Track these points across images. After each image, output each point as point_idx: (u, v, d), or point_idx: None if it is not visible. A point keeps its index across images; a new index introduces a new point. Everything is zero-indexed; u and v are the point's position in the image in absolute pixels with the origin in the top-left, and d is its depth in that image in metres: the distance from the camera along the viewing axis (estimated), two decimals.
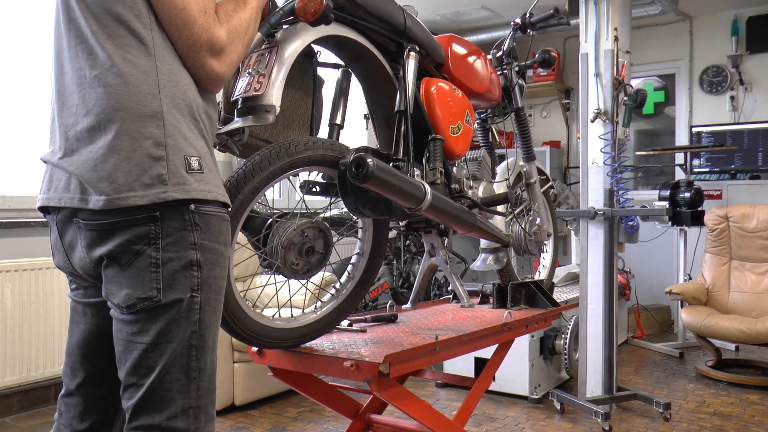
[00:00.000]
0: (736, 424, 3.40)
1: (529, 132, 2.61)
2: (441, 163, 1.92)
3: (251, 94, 1.49)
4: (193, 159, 1.23)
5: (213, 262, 1.25)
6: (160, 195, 1.18)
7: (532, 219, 2.51)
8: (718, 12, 5.95)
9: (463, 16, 5.96)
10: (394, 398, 1.72)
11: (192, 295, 1.22)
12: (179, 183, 1.20)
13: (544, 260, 2.76)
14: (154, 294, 1.19)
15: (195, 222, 1.22)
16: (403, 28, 1.87)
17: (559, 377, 4.04)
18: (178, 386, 1.22)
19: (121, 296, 1.20)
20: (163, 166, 1.19)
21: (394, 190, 1.63)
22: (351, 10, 1.70)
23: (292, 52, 1.53)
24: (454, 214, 1.93)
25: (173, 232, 1.20)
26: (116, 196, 1.17)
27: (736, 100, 5.89)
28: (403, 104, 1.81)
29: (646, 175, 6.67)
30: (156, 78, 1.22)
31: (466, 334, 1.90)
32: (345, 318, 1.89)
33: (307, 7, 1.47)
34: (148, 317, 1.20)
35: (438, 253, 2.03)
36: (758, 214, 4.72)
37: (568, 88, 6.71)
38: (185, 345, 1.22)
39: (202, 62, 1.26)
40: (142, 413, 1.21)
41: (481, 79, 2.23)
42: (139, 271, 1.19)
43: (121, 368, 1.24)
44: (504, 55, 2.49)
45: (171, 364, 1.21)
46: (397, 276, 5.31)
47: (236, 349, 3.54)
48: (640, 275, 5.56)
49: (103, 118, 1.19)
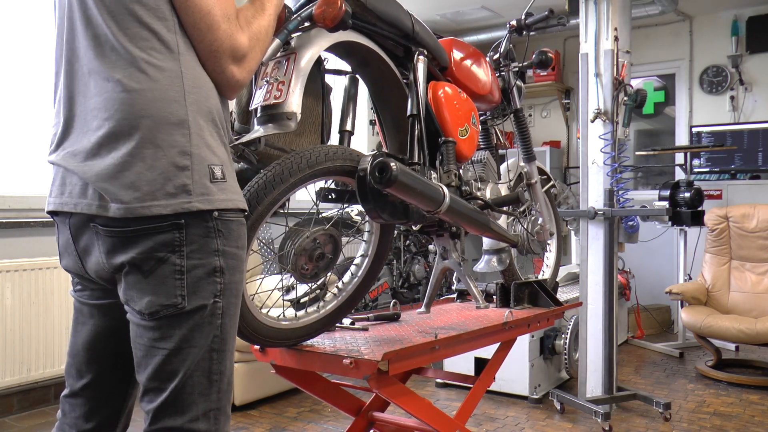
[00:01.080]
0: (736, 424, 3.40)
1: (529, 133, 2.62)
2: (455, 165, 1.93)
3: (272, 102, 1.48)
4: (216, 168, 1.22)
5: (234, 267, 1.26)
6: (184, 205, 1.17)
7: (535, 219, 2.52)
8: (718, 12, 5.95)
9: (463, 16, 5.96)
10: (393, 396, 1.72)
11: (215, 300, 1.23)
12: (203, 193, 1.19)
13: (548, 259, 2.76)
14: (178, 301, 1.19)
15: (218, 229, 1.22)
16: (411, 33, 1.88)
17: (559, 377, 4.04)
18: (200, 390, 1.22)
19: (143, 303, 1.19)
20: (188, 176, 1.18)
21: (416, 193, 1.64)
22: (362, 15, 1.70)
23: (309, 58, 1.53)
24: (470, 216, 1.94)
25: (197, 240, 1.20)
26: (139, 205, 1.15)
27: (736, 100, 5.89)
28: (415, 108, 1.82)
29: (646, 175, 6.67)
30: (181, 83, 1.20)
31: (466, 333, 1.90)
32: (345, 316, 1.90)
33: (326, 14, 1.46)
34: (170, 323, 1.20)
35: (451, 256, 2.04)
36: (758, 214, 4.72)
37: (568, 88, 6.71)
38: (207, 349, 1.23)
39: (224, 68, 1.26)
40: (164, 416, 1.22)
41: (483, 81, 2.25)
42: (163, 278, 1.18)
43: (141, 372, 1.23)
44: (501, 57, 2.50)
45: (193, 369, 1.21)
46: (397, 276, 5.31)
47: (236, 349, 3.53)
48: (640, 275, 5.56)
49: (127, 124, 1.17)
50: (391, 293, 5.21)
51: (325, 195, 1.70)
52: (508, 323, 2.07)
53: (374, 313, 2.19)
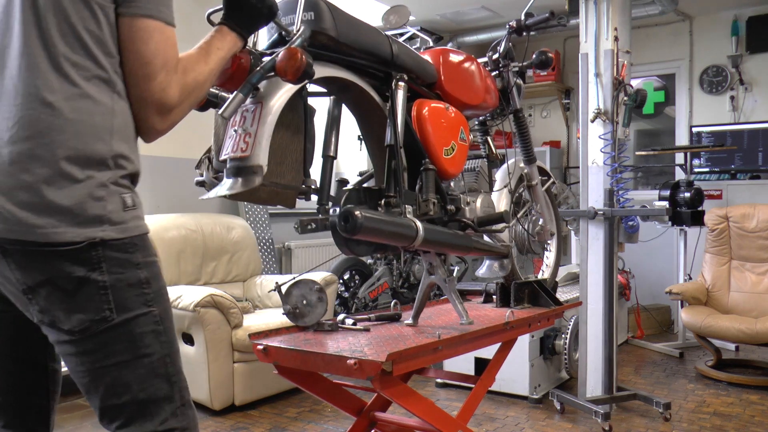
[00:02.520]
0: (736, 424, 3.40)
1: (529, 134, 2.58)
2: (434, 193, 1.90)
3: (238, 155, 1.47)
4: (128, 197, 1.25)
5: (157, 273, 1.30)
6: (98, 233, 1.19)
7: (535, 219, 2.51)
8: (718, 12, 5.96)
9: (463, 16, 5.96)
10: (397, 396, 1.72)
11: (149, 309, 1.26)
12: (118, 222, 1.22)
13: (548, 259, 2.76)
14: (107, 314, 1.21)
15: (134, 243, 1.25)
16: (390, 58, 1.83)
17: (559, 377, 4.04)
18: (163, 394, 1.28)
19: (73, 321, 1.21)
20: (103, 206, 1.20)
21: (385, 234, 1.65)
22: (335, 47, 1.66)
23: (276, 108, 1.49)
24: (449, 242, 1.92)
25: (116, 256, 1.22)
26: (52, 231, 1.16)
27: (736, 100, 5.89)
28: (392, 137, 1.78)
29: (646, 175, 6.68)
30: (112, 122, 1.22)
31: (469, 333, 1.90)
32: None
33: (288, 67, 1.40)
34: (108, 339, 1.22)
35: (437, 272, 2.03)
36: (758, 214, 4.72)
37: (568, 88, 6.71)
38: (161, 356, 1.28)
39: (147, 116, 1.27)
40: (135, 427, 1.26)
41: (476, 90, 2.20)
42: (89, 295, 1.20)
43: (93, 396, 1.26)
44: (501, 57, 2.45)
45: (153, 377, 1.26)
46: (397, 276, 5.31)
47: (236, 350, 3.54)
48: (640, 275, 5.56)
49: (48, 151, 1.16)
50: (391, 293, 5.21)
51: (305, 226, 1.69)
52: (509, 323, 2.07)
53: (375, 313, 2.19)
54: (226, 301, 3.50)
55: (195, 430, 1.34)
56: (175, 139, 4.45)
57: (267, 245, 4.98)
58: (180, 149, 4.24)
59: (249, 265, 4.50)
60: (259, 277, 4.51)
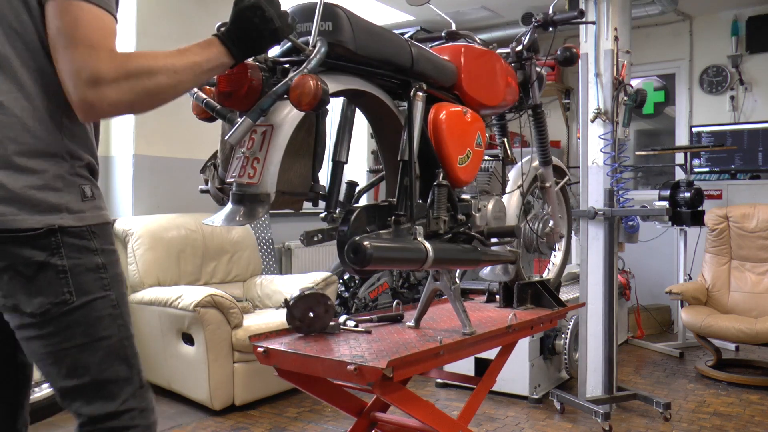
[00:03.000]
0: (736, 424, 3.40)
1: (547, 132, 2.48)
2: (445, 211, 1.85)
3: (245, 180, 1.41)
4: (87, 187, 1.31)
5: (114, 261, 1.35)
6: (57, 221, 1.25)
7: (545, 221, 2.49)
8: (718, 12, 5.95)
9: (463, 16, 5.95)
10: (398, 401, 1.72)
11: (106, 293, 1.32)
12: (76, 211, 1.28)
13: (555, 258, 2.74)
14: (67, 297, 1.26)
15: (92, 231, 1.30)
16: (409, 66, 1.75)
17: (559, 377, 4.05)
18: (123, 376, 1.34)
19: (34, 304, 1.25)
20: (61, 196, 1.26)
21: (395, 261, 1.64)
22: (353, 59, 1.59)
23: (286, 132, 1.43)
24: (458, 258, 1.89)
25: (74, 242, 1.27)
26: (12, 218, 1.21)
27: (736, 100, 5.89)
28: (407, 154, 1.70)
29: (646, 175, 6.67)
30: (61, 118, 1.26)
31: (471, 338, 1.90)
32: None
33: (301, 99, 1.33)
34: (68, 323, 1.27)
35: (442, 278, 2.00)
36: (758, 214, 4.72)
37: (568, 88, 6.71)
38: (119, 338, 1.33)
39: (75, 85, 1.19)
40: (97, 406, 1.31)
41: (496, 90, 2.14)
42: (49, 279, 1.25)
43: (55, 378, 1.31)
44: (524, 49, 2.36)
45: (113, 359, 1.32)
46: (397, 276, 5.31)
47: (236, 350, 3.54)
48: (640, 275, 5.56)
49: (1, 147, 1.21)
50: (391, 293, 5.21)
51: (311, 238, 1.65)
52: (512, 326, 2.06)
53: (377, 314, 2.18)
54: (226, 301, 3.50)
55: (153, 412, 1.39)
56: (176, 139, 4.47)
57: (267, 245, 4.97)
58: (180, 149, 4.24)
59: (249, 265, 4.50)
60: (259, 277, 4.50)
